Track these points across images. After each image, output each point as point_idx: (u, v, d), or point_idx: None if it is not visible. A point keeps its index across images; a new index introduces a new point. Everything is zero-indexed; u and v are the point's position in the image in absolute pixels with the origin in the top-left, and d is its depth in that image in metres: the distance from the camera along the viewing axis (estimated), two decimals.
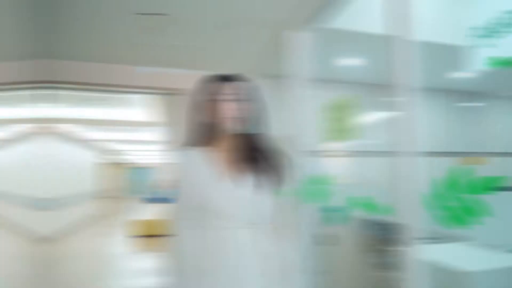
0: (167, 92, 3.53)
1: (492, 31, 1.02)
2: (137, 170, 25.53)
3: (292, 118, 2.29)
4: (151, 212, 9.43)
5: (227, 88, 1.26)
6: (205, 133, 1.29)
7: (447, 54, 1.13)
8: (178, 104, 3.54)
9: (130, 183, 25.41)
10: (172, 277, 1.25)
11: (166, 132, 9.04)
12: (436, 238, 2.74)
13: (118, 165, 24.23)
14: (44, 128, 6.41)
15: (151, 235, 7.94)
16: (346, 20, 2.09)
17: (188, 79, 3.45)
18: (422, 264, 1.29)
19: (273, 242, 1.28)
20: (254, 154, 1.29)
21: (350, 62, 3.05)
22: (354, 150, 3.02)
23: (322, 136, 1.96)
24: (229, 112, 1.23)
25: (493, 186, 1.09)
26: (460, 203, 1.19)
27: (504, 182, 1.09)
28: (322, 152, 2.67)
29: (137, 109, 6.19)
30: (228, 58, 3.09)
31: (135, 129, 8.94)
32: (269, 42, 2.63)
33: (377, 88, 3.44)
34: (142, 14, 2.23)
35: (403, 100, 1.36)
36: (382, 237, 3.12)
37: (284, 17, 2.21)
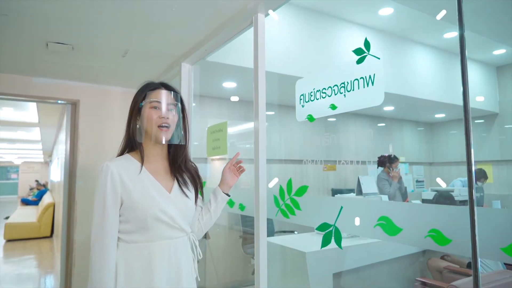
0: (58, 102, 3.57)
1: (309, 99, 1.62)
2: (8, 169, 22.44)
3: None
4: (23, 214, 8.64)
5: (167, 96, 1.28)
6: (138, 140, 1.27)
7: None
8: (62, 110, 3.59)
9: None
10: None
11: (42, 133, 8.32)
12: (285, 231, 3.46)
13: None
14: None
15: (23, 238, 7.34)
16: (223, 55, 2.72)
17: (84, 90, 3.59)
18: (272, 249, 1.70)
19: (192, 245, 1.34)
20: (181, 163, 1.34)
21: (227, 85, 3.82)
22: (227, 158, 3.54)
23: (205, 149, 2.39)
24: (161, 119, 1.24)
25: (304, 191, 1.67)
26: (290, 202, 1.74)
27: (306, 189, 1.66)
28: (205, 159, 3.10)
29: (13, 108, 5.77)
30: (129, 76, 3.34)
31: (9, 128, 8.12)
32: (166, 68, 3.03)
33: (245, 104, 4.19)
34: (49, 42, 2.39)
35: (258, 115, 1.77)
36: (248, 230, 3.72)
37: (178, 52, 2.64)
